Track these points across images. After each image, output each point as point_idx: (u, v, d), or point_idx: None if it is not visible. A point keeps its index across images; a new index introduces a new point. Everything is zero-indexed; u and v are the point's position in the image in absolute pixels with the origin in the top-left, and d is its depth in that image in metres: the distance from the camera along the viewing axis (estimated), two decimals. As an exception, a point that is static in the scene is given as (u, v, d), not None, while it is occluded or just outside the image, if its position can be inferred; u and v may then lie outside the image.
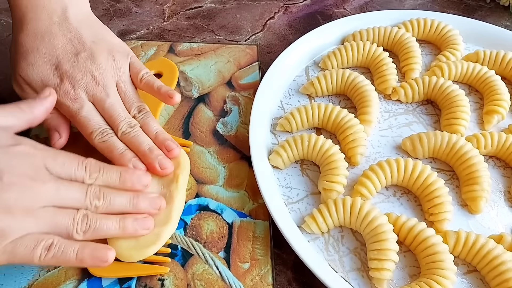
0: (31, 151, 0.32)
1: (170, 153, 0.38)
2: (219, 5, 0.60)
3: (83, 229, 0.31)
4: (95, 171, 0.34)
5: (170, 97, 0.39)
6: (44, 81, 0.37)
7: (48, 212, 0.30)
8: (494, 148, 0.42)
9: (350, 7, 0.62)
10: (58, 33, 0.38)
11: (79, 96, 0.37)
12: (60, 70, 0.37)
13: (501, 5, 0.62)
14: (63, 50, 0.38)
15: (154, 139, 0.39)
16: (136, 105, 0.40)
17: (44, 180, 0.31)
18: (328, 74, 0.47)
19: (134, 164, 0.37)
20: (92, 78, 0.38)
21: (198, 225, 0.38)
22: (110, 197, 0.33)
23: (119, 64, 0.40)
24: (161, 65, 0.50)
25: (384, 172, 0.39)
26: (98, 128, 0.37)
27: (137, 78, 0.40)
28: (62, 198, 0.31)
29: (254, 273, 0.36)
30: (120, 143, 0.37)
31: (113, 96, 0.38)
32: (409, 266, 0.36)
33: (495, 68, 0.49)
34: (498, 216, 0.40)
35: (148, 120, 0.39)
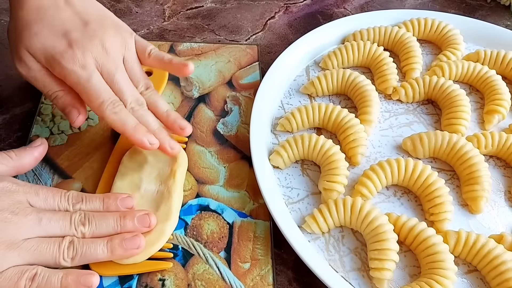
0: (13, 187, 0.32)
1: (184, 131, 0.39)
2: (219, 5, 0.60)
3: (70, 256, 0.31)
4: (78, 202, 0.34)
5: (184, 65, 0.39)
6: (48, 48, 0.35)
7: (32, 243, 0.30)
8: (494, 148, 0.42)
9: (351, 6, 0.62)
10: (63, 6, 0.37)
11: (88, 62, 0.35)
12: (68, 37, 0.35)
13: (502, 5, 0.62)
14: (70, 21, 0.36)
15: (166, 117, 0.39)
16: (143, 81, 0.39)
17: (26, 213, 0.31)
18: (329, 74, 0.47)
19: (149, 139, 0.36)
20: (102, 48, 0.36)
21: (199, 225, 0.38)
22: (95, 222, 0.33)
23: (126, 39, 0.39)
24: None
25: (385, 172, 0.39)
26: (109, 98, 0.36)
27: (145, 53, 0.39)
28: (46, 228, 0.31)
29: (254, 273, 0.36)
30: (132, 116, 0.36)
31: (121, 69, 0.37)
32: (410, 266, 0.36)
33: (495, 67, 0.49)
34: (498, 216, 0.40)
35: (156, 98, 0.39)
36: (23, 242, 0.30)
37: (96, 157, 0.42)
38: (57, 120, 0.45)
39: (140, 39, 0.40)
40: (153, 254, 0.35)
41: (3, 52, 0.52)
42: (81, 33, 0.36)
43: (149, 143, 0.36)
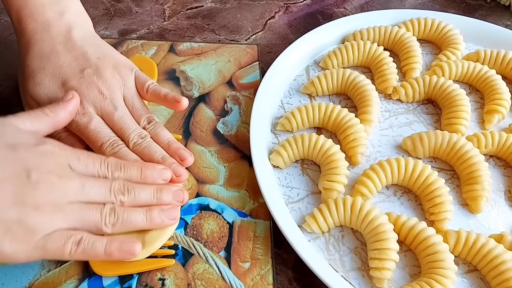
0: (56, 150, 0.32)
1: (184, 162, 0.38)
2: (219, 4, 0.60)
3: (112, 222, 0.32)
4: (116, 169, 0.34)
5: (177, 101, 0.40)
6: (51, 99, 0.38)
7: (76, 208, 0.31)
8: (494, 148, 0.42)
9: (351, 6, 0.62)
10: (63, 52, 0.39)
11: (87, 110, 0.38)
12: (66, 86, 0.38)
13: (502, 5, 0.62)
14: (69, 67, 0.39)
15: (167, 148, 0.39)
16: (145, 116, 0.40)
17: (69, 177, 0.31)
18: (329, 74, 0.47)
19: None
20: (99, 93, 0.38)
21: (199, 225, 0.39)
22: (134, 191, 0.34)
23: (125, 78, 0.40)
24: (139, 63, 0.49)
25: (385, 171, 0.39)
26: (108, 140, 0.37)
27: (143, 89, 0.41)
28: (88, 193, 0.32)
29: (254, 272, 0.36)
30: (132, 153, 0.38)
31: (121, 108, 0.39)
32: (410, 266, 0.36)
33: (495, 67, 0.49)
34: (498, 215, 0.40)
35: (158, 130, 0.39)
36: (68, 206, 0.31)
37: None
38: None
39: (141, 74, 0.42)
40: (154, 252, 0.35)
41: (3, 51, 0.52)
42: (78, 81, 0.38)
43: None
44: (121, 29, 0.56)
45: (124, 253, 0.32)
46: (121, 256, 0.32)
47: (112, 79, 0.39)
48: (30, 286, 0.35)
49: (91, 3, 0.59)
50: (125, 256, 0.32)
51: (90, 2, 0.59)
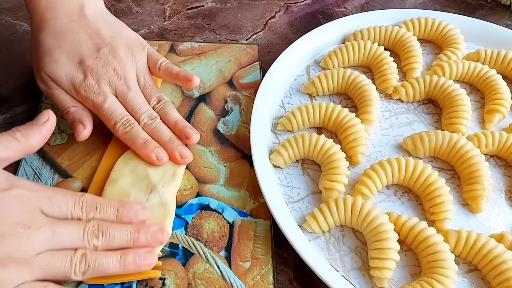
0: (26, 194, 0.31)
1: (190, 140, 0.40)
2: (220, 4, 0.60)
3: (82, 270, 0.31)
4: (91, 210, 0.33)
5: (189, 80, 0.42)
6: (68, 78, 0.39)
7: (43, 258, 0.30)
8: (495, 147, 0.42)
9: (351, 6, 0.62)
10: (78, 30, 0.40)
11: (102, 90, 0.39)
12: (83, 65, 0.39)
13: (502, 4, 0.62)
14: (85, 46, 0.40)
15: (174, 127, 0.41)
16: (155, 95, 0.42)
17: (39, 226, 0.30)
18: (329, 74, 0.47)
19: (157, 154, 0.39)
20: (114, 72, 0.40)
21: (199, 225, 0.39)
22: (109, 234, 0.32)
23: (137, 57, 0.42)
24: None
25: (385, 171, 0.39)
26: (121, 119, 0.39)
27: (156, 67, 0.42)
28: (59, 241, 0.31)
29: (255, 272, 0.36)
30: (143, 132, 0.40)
31: (134, 88, 0.41)
32: (410, 265, 0.36)
33: (496, 67, 0.49)
34: (499, 215, 0.40)
35: (167, 109, 0.42)
36: (35, 258, 0.30)
37: (96, 156, 0.42)
38: (58, 120, 0.45)
39: (153, 52, 0.43)
40: None
41: (4, 52, 0.52)
42: (94, 61, 0.40)
43: (157, 158, 0.39)
44: (122, 29, 0.56)
45: None
46: None
47: (126, 58, 0.41)
48: (30, 285, 0.34)
49: (92, 3, 0.59)
50: None
51: (91, 2, 0.59)
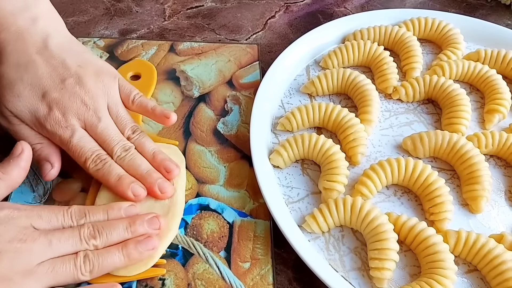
0: (15, 214, 0.31)
1: (170, 174, 0.38)
2: (219, 4, 0.60)
3: (88, 270, 0.31)
4: (81, 217, 0.33)
5: (167, 117, 0.39)
6: (32, 112, 0.36)
7: (46, 267, 0.30)
8: (495, 148, 0.42)
9: (351, 6, 0.62)
10: (41, 62, 0.37)
11: (70, 123, 0.36)
12: (47, 98, 0.36)
13: (502, 4, 0.62)
14: (49, 78, 0.37)
15: (152, 159, 0.38)
16: (129, 125, 0.39)
17: (34, 238, 0.30)
18: (329, 73, 0.47)
19: (133, 190, 0.36)
20: (82, 103, 0.37)
21: (199, 225, 0.39)
22: (105, 232, 0.33)
23: (108, 86, 0.39)
24: (138, 67, 0.50)
25: (385, 171, 0.39)
26: (91, 155, 0.36)
27: (129, 100, 0.40)
28: (57, 248, 0.31)
29: (254, 272, 0.36)
30: (117, 167, 0.37)
31: (105, 119, 0.37)
32: (410, 266, 0.36)
33: (496, 67, 0.49)
34: (498, 215, 0.40)
35: (143, 140, 0.38)
36: (38, 267, 0.30)
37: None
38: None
39: (125, 83, 0.40)
40: None
41: (4, 51, 0.52)
42: (59, 92, 0.36)
43: (134, 194, 0.36)
44: (121, 28, 0.56)
45: None
46: None
47: (95, 88, 0.38)
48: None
49: (91, 2, 0.59)
50: None
51: (90, 2, 0.59)
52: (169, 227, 0.36)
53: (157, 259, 0.35)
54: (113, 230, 0.33)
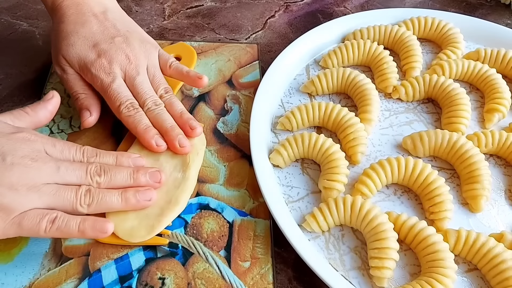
0: (32, 137, 0.34)
1: (194, 132, 0.41)
2: (219, 3, 0.60)
3: (87, 203, 0.33)
4: (92, 156, 0.36)
5: (200, 78, 0.43)
6: (81, 57, 0.41)
7: (51, 188, 0.32)
8: (494, 147, 0.42)
9: (351, 5, 0.62)
10: (96, 21, 0.42)
11: (113, 70, 0.40)
12: (97, 48, 0.41)
13: (502, 4, 0.62)
14: (101, 33, 0.42)
15: (179, 117, 0.41)
16: (163, 86, 0.42)
17: (44, 161, 0.33)
18: (329, 73, 0.47)
19: (156, 141, 0.39)
20: (126, 57, 0.41)
21: (199, 224, 0.39)
22: (110, 173, 0.35)
23: (150, 51, 0.43)
24: (180, 49, 0.52)
25: (385, 170, 0.39)
26: (126, 101, 0.40)
27: (166, 65, 0.44)
28: (63, 175, 0.33)
29: (254, 271, 0.36)
30: (146, 118, 0.40)
31: (142, 74, 0.42)
32: (410, 265, 0.36)
33: (496, 66, 0.49)
34: (498, 214, 0.40)
35: (173, 101, 0.42)
36: (43, 186, 0.32)
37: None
38: (57, 119, 0.45)
39: (164, 53, 0.45)
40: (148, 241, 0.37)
41: (4, 51, 0.52)
42: (108, 45, 0.41)
43: (156, 144, 0.39)
44: (121, 28, 0.56)
45: (96, 231, 0.33)
46: (94, 234, 0.33)
47: (139, 49, 0.42)
48: (30, 285, 0.35)
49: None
50: (98, 234, 0.33)
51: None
52: (178, 200, 0.38)
53: (161, 229, 0.37)
54: (118, 173, 0.35)
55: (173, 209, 0.37)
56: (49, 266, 0.36)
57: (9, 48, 0.52)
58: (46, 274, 0.35)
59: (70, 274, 0.35)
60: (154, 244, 0.37)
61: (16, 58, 0.51)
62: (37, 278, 0.35)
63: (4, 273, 0.35)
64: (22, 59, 0.51)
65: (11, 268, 0.35)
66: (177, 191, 0.38)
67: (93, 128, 0.44)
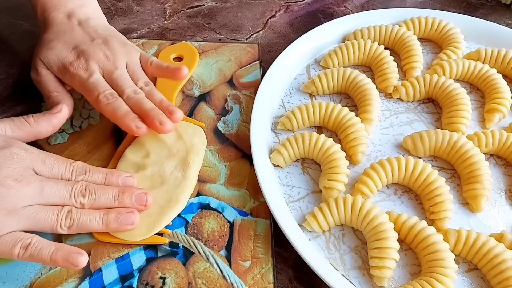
0: (21, 153, 0.33)
1: (173, 115, 0.40)
2: (220, 3, 0.60)
3: (67, 225, 0.33)
4: (81, 174, 0.35)
5: (179, 68, 0.43)
6: (60, 59, 0.41)
7: (31, 211, 0.32)
8: (495, 147, 0.42)
9: (351, 5, 0.62)
10: (78, 28, 0.43)
11: (90, 66, 0.41)
12: (77, 50, 0.41)
13: (503, 4, 0.62)
14: (81, 37, 0.43)
15: (159, 105, 0.41)
16: (143, 79, 0.43)
17: (29, 181, 0.32)
18: (329, 73, 0.47)
19: (136, 123, 0.38)
20: (104, 56, 0.42)
21: (199, 224, 0.39)
22: (95, 194, 0.35)
23: (130, 51, 0.44)
24: (182, 49, 0.52)
25: (385, 170, 0.39)
26: (104, 91, 0.39)
27: (147, 63, 0.44)
28: (47, 196, 0.33)
29: (255, 271, 0.36)
30: (124, 105, 0.40)
31: (121, 69, 0.42)
32: (410, 265, 0.36)
33: (496, 66, 0.49)
34: (499, 214, 0.40)
35: (154, 92, 0.42)
36: (23, 209, 0.31)
37: (97, 155, 0.42)
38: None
39: (145, 54, 0.45)
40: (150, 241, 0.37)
41: (5, 51, 0.52)
42: (87, 46, 0.42)
43: (136, 127, 0.38)
44: (122, 28, 0.56)
45: (68, 264, 0.32)
46: (65, 265, 0.32)
47: (118, 48, 0.43)
48: (31, 284, 0.35)
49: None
50: (69, 266, 0.32)
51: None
52: (178, 199, 0.38)
53: (161, 227, 0.37)
54: (103, 194, 0.35)
55: (174, 208, 0.38)
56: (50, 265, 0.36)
57: (10, 48, 0.52)
58: (47, 273, 0.35)
59: (71, 273, 0.35)
60: (155, 244, 0.37)
61: (17, 58, 0.51)
62: (38, 277, 0.35)
63: (6, 272, 0.35)
64: (23, 59, 0.51)
65: (12, 267, 0.35)
66: (177, 190, 0.38)
67: (93, 129, 0.44)
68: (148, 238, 0.36)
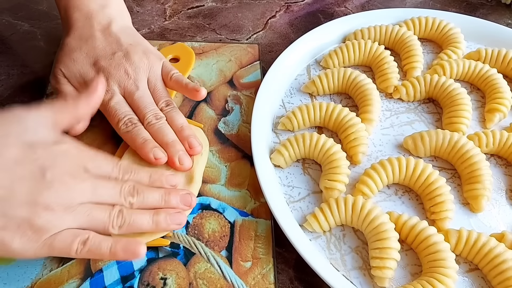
0: (73, 151, 0.33)
1: (192, 150, 0.40)
2: (220, 4, 0.60)
3: (119, 224, 0.33)
4: (127, 173, 0.35)
5: (196, 90, 0.42)
6: (82, 74, 0.41)
7: (86, 208, 0.32)
8: (495, 147, 0.42)
9: (352, 5, 0.62)
10: (100, 37, 0.42)
11: (111, 88, 0.40)
12: (97, 65, 0.41)
13: (503, 3, 0.62)
14: (102, 50, 0.42)
15: (179, 132, 0.40)
16: (164, 99, 0.42)
17: (83, 179, 0.32)
18: (330, 73, 0.47)
19: (154, 154, 0.38)
20: (125, 73, 0.41)
21: (200, 224, 0.39)
22: (143, 194, 0.35)
23: (152, 63, 0.43)
24: (178, 50, 0.52)
25: (386, 170, 0.39)
26: (124, 118, 0.40)
27: (168, 77, 0.43)
28: (99, 195, 0.33)
29: (256, 271, 0.36)
30: (144, 132, 0.39)
31: (142, 89, 0.41)
32: (411, 265, 0.36)
33: (496, 66, 0.49)
34: (499, 214, 0.40)
35: (174, 114, 0.41)
36: (78, 206, 0.31)
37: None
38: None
39: (168, 64, 0.44)
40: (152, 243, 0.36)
41: (5, 52, 0.52)
42: (108, 62, 0.41)
43: (154, 157, 0.38)
44: (122, 28, 0.56)
45: (128, 254, 0.32)
46: (125, 257, 0.32)
47: (140, 62, 0.42)
48: (32, 285, 0.35)
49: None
50: (129, 257, 0.32)
51: (91, 2, 0.59)
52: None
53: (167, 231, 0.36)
54: (150, 194, 0.35)
55: None
56: (51, 266, 0.36)
57: (11, 49, 0.52)
58: (48, 274, 0.35)
59: (72, 274, 0.35)
60: (156, 245, 0.37)
61: (17, 58, 0.51)
62: (39, 278, 0.35)
63: (7, 273, 0.35)
64: (23, 60, 0.51)
65: (13, 268, 0.35)
66: None
67: (94, 130, 0.44)
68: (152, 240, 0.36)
